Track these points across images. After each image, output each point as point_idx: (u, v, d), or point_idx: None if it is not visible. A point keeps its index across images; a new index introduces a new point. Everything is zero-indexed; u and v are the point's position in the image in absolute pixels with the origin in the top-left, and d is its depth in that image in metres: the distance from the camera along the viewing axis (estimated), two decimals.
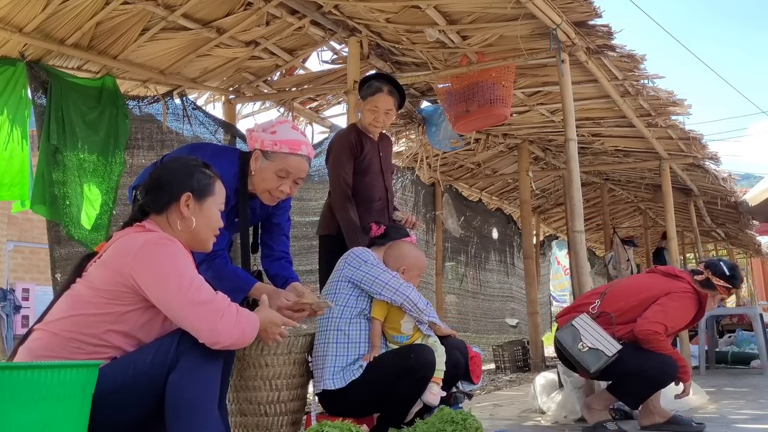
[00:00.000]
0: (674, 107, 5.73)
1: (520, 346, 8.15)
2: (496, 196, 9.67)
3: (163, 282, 1.86)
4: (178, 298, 1.85)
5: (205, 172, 2.13)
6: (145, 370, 1.82)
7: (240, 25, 4.66)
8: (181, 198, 2.04)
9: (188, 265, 1.93)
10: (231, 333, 1.86)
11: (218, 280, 2.45)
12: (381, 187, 3.61)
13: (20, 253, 13.89)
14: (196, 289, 1.87)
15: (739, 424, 3.57)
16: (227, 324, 1.86)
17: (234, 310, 1.90)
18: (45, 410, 1.53)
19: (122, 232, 2.02)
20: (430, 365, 2.65)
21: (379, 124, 3.58)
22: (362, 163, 3.52)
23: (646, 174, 8.46)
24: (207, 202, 2.09)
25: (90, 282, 1.91)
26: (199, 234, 2.07)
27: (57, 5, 3.90)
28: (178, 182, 2.07)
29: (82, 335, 1.86)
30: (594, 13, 4.14)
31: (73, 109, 4.32)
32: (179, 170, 2.11)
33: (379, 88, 3.53)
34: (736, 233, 12.15)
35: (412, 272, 2.96)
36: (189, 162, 2.17)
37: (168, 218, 2.05)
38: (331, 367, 2.73)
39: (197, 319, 1.84)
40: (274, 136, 2.63)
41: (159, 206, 2.05)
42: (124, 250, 1.91)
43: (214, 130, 5.42)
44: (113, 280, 1.88)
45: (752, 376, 6.32)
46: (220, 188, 2.15)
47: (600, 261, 12.07)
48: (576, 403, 3.77)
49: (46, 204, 4.17)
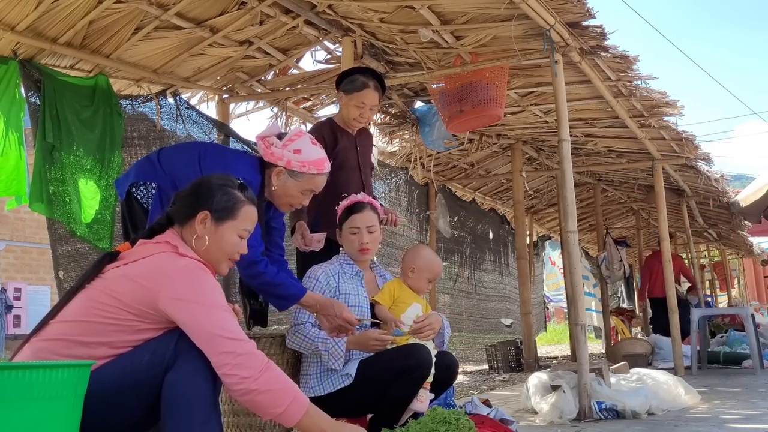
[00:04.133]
0: (667, 108, 5.75)
1: (513, 346, 8.17)
2: (490, 196, 9.68)
3: (195, 308, 1.82)
4: (207, 326, 1.81)
5: (235, 194, 2.05)
6: (143, 370, 1.80)
7: (233, 25, 4.65)
8: (198, 215, 2.00)
9: (221, 294, 1.90)
10: (257, 381, 1.78)
11: (272, 286, 2.54)
12: (358, 182, 3.53)
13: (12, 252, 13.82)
14: (234, 327, 1.84)
15: (731, 424, 3.59)
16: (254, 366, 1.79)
17: (261, 357, 1.83)
18: (36, 411, 1.52)
19: (151, 245, 1.97)
20: (428, 364, 2.65)
21: (364, 119, 3.54)
22: (336, 158, 3.41)
23: (639, 175, 8.49)
24: (225, 225, 2.02)
25: (112, 291, 1.86)
26: (209, 255, 2.01)
27: (49, 3, 3.88)
28: (202, 198, 2.02)
29: (91, 341, 1.84)
30: (587, 14, 4.15)
31: (67, 107, 4.30)
32: (209, 185, 2.06)
33: (366, 84, 3.47)
34: (728, 234, 12.20)
35: (421, 273, 2.98)
36: (224, 179, 2.09)
37: (186, 232, 2.01)
38: (314, 374, 2.73)
39: (227, 355, 1.79)
40: (300, 156, 2.64)
41: (181, 217, 2.03)
42: (156, 271, 1.86)
43: (208, 129, 5.40)
44: (141, 299, 1.84)
45: (744, 376, 6.34)
46: (246, 214, 2.05)
47: (593, 261, 12.11)
48: (571, 402, 3.78)
49: (44, 202, 4.14)
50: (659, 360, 7.76)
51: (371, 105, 3.50)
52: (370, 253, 2.93)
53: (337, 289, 2.82)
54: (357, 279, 2.90)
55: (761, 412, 3.96)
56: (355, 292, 2.85)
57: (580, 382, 3.84)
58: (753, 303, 16.36)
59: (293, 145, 2.66)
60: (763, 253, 15.47)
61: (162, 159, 2.74)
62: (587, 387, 3.82)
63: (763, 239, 15.01)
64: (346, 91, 3.52)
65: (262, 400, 1.79)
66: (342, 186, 3.38)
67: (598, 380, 3.98)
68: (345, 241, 2.94)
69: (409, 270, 2.99)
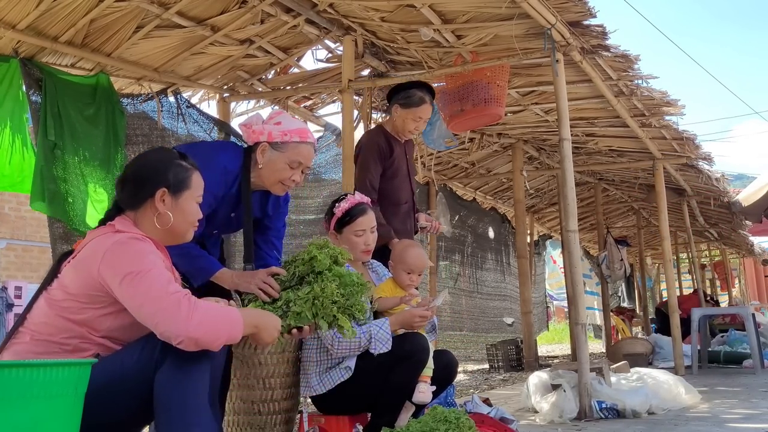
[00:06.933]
0: (668, 107, 5.75)
1: (513, 346, 8.17)
2: (491, 195, 9.68)
3: (126, 280, 1.81)
4: (138, 295, 1.80)
5: (182, 165, 2.07)
6: (132, 369, 1.80)
7: (234, 23, 4.65)
8: (156, 194, 1.99)
9: (155, 262, 1.87)
10: (188, 327, 1.74)
11: (182, 257, 2.38)
12: (408, 190, 3.73)
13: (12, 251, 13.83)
14: (160, 285, 1.80)
15: (731, 423, 3.59)
16: (183, 317, 1.75)
17: (189, 301, 1.79)
18: (37, 409, 1.52)
19: (96, 231, 1.98)
20: (425, 350, 2.65)
21: (418, 131, 3.76)
22: (391, 166, 3.62)
23: (640, 174, 8.48)
24: (184, 196, 2.03)
25: (63, 285, 1.88)
26: (176, 229, 2.03)
27: (50, 2, 3.88)
28: (154, 177, 2.01)
29: (62, 338, 1.85)
30: (588, 13, 4.15)
31: (69, 105, 4.29)
32: (154, 164, 2.05)
33: (423, 99, 3.65)
34: (729, 233, 12.19)
35: (397, 267, 2.96)
36: (164, 155, 2.10)
37: (144, 214, 2.01)
38: (314, 374, 2.72)
39: (155, 314, 1.77)
40: (280, 127, 2.61)
41: (134, 203, 2.01)
42: (93, 252, 1.87)
43: (209, 128, 5.40)
44: (86, 284, 1.86)
45: (744, 375, 6.34)
46: (197, 180, 2.09)
47: (593, 260, 12.10)
48: (571, 401, 3.78)
49: (45, 201, 4.14)
50: (660, 359, 7.77)
51: (427, 119, 3.72)
52: (371, 253, 2.94)
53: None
54: None
55: (761, 411, 3.96)
56: None
57: (580, 381, 3.84)
58: (753, 302, 16.34)
59: (274, 119, 2.65)
60: (764, 252, 15.46)
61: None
62: (587, 386, 3.83)
63: (764, 239, 15.00)
64: (403, 104, 3.67)
65: (204, 341, 1.77)
66: (396, 192, 3.61)
67: (598, 379, 3.98)
68: (347, 243, 2.87)
69: (390, 266, 3.00)
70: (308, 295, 2.29)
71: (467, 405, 3.51)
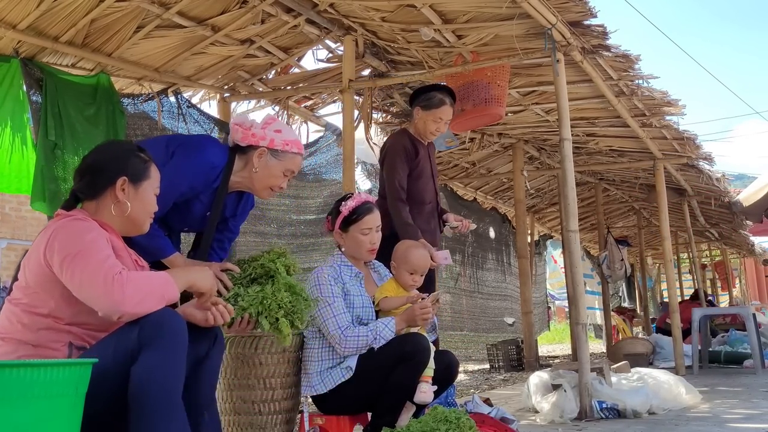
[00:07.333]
0: (668, 107, 5.75)
1: (514, 346, 8.17)
2: (491, 195, 9.68)
3: (66, 262, 1.83)
4: (76, 276, 1.82)
5: (141, 156, 2.11)
6: (109, 362, 1.78)
7: (235, 23, 4.65)
8: (117, 183, 2.03)
9: (95, 240, 1.88)
10: (123, 304, 1.78)
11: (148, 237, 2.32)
12: (432, 190, 3.84)
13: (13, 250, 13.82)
14: (96, 264, 1.82)
15: (731, 423, 3.59)
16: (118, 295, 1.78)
17: (122, 277, 1.81)
18: (37, 409, 1.52)
19: (50, 221, 2.01)
20: (426, 350, 2.65)
21: (439, 132, 3.85)
22: (417, 167, 3.73)
23: (641, 174, 8.48)
24: (143, 186, 2.08)
25: (21, 284, 1.92)
26: (134, 218, 2.07)
27: (51, 2, 3.88)
28: (114, 167, 2.05)
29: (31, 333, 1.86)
30: (589, 13, 4.15)
31: (69, 105, 4.29)
32: (114, 154, 2.09)
33: (443, 101, 3.77)
34: (730, 233, 12.20)
35: (399, 267, 2.96)
36: (123, 146, 2.17)
37: (102, 203, 2.03)
38: (315, 373, 2.72)
39: (93, 298, 1.80)
40: (282, 136, 2.64)
41: (93, 192, 2.04)
42: (39, 239, 1.91)
43: (209, 128, 5.40)
44: (38, 272, 1.88)
45: (745, 375, 6.34)
46: (155, 172, 2.15)
47: (594, 260, 12.10)
48: (572, 402, 3.78)
49: (46, 201, 4.14)
50: (660, 359, 7.76)
51: (447, 119, 3.82)
52: (375, 252, 2.95)
53: (343, 293, 2.81)
54: (357, 281, 2.88)
55: (762, 411, 3.96)
56: (359, 293, 2.84)
57: (581, 381, 3.84)
58: (754, 302, 16.35)
59: (273, 125, 2.66)
60: (765, 252, 15.46)
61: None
62: (588, 386, 3.83)
63: (765, 239, 15.01)
64: (424, 107, 3.78)
65: (141, 311, 1.81)
66: (421, 193, 3.73)
67: (599, 379, 3.98)
68: (352, 241, 2.87)
69: (392, 267, 2.99)
70: (258, 294, 2.41)
71: (468, 405, 3.51)
